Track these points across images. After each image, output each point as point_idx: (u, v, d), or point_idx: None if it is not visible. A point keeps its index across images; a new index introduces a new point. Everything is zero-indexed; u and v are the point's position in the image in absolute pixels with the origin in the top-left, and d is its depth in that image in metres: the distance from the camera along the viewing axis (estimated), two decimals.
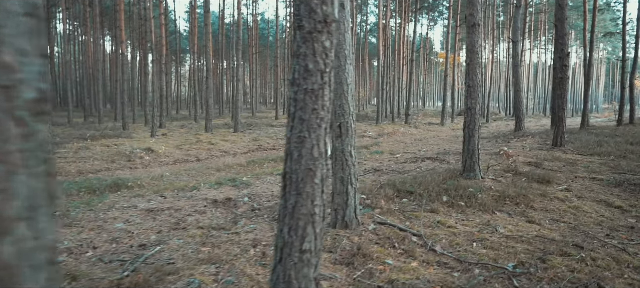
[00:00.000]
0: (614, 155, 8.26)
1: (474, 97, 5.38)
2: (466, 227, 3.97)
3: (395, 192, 5.11)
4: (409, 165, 7.54)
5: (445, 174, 5.72)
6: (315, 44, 2.07)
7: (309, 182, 2.16)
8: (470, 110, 5.43)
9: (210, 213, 4.82)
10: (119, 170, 8.32)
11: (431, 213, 4.40)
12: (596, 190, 5.30)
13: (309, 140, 2.13)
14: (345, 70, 3.72)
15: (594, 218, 4.25)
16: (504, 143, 10.52)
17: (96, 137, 12.69)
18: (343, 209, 3.79)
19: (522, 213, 4.37)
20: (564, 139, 8.98)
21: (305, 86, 2.11)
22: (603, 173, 6.49)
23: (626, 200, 4.90)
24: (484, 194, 4.86)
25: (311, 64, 2.09)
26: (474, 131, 5.44)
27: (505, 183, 5.46)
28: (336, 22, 2.12)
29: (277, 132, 14.87)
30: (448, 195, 4.86)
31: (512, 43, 13.19)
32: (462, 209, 4.48)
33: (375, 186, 5.55)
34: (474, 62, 5.34)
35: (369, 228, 3.84)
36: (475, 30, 5.29)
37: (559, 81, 8.92)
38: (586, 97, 15.85)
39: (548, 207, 4.56)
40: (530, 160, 7.40)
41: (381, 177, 6.47)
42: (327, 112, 2.17)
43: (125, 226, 4.44)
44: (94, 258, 3.54)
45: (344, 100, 3.73)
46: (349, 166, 3.76)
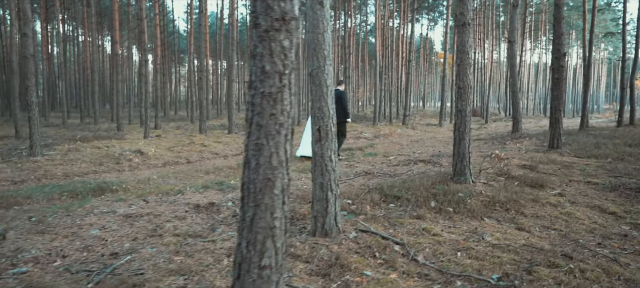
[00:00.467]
0: (611, 158, 8.09)
1: (464, 98, 5.22)
2: (452, 234, 3.81)
3: (382, 197, 4.96)
4: (401, 168, 7.38)
5: (436, 178, 5.56)
6: (272, 43, 1.92)
7: (268, 192, 2.00)
8: (460, 112, 5.26)
9: (190, 219, 4.66)
10: (106, 172, 8.16)
11: (417, 219, 4.24)
12: (590, 195, 5.13)
13: (266, 148, 1.97)
14: (325, 71, 3.56)
15: (587, 225, 4.08)
16: (500, 144, 10.35)
17: (88, 138, 12.55)
18: (322, 216, 3.63)
19: (512, 220, 4.21)
20: (560, 140, 8.81)
21: (262, 89, 1.95)
22: (599, 176, 6.32)
23: (621, 205, 4.73)
24: (473, 199, 4.70)
25: (268, 65, 1.93)
26: (465, 133, 5.28)
27: (497, 188, 5.30)
28: (296, 20, 1.96)
29: None
30: (436, 200, 4.70)
31: (509, 43, 13.03)
32: (450, 215, 4.32)
33: (363, 190, 5.39)
34: (465, 63, 5.18)
35: (350, 236, 3.68)
36: (465, 29, 5.12)
37: (555, 81, 8.74)
38: (585, 97, 15.67)
39: (539, 212, 4.40)
40: (524, 163, 7.23)
41: (371, 180, 6.30)
42: (287, 117, 2.01)
43: (100, 233, 4.28)
44: (61, 268, 3.38)
45: (323, 102, 3.57)
46: (329, 171, 3.60)
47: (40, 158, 8.85)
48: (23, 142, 11.34)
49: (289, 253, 3.41)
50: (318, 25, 3.54)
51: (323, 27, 3.54)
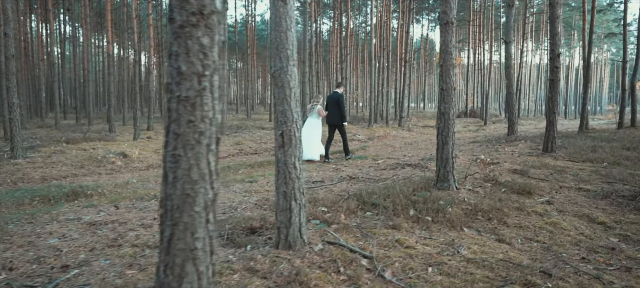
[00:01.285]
0: (607, 162, 7.82)
1: (447, 101, 4.97)
2: (427, 246, 3.56)
3: (359, 204, 4.72)
4: (388, 172, 7.13)
5: (419, 184, 5.31)
6: (188, 40, 1.68)
7: (187, 210, 1.76)
8: (443, 115, 5.02)
9: (156, 227, 4.43)
10: (87, 175, 7.95)
11: (392, 229, 3.99)
12: (580, 203, 4.87)
13: (184, 159, 1.73)
14: (288, 72, 3.32)
15: (572, 236, 3.83)
16: (494, 147, 10.09)
17: (76, 140, 12.35)
18: (286, 227, 3.39)
19: (493, 230, 3.96)
20: (555, 143, 8.53)
21: (178, 93, 1.71)
22: (592, 182, 6.06)
23: (611, 215, 4.47)
24: (454, 207, 4.45)
25: (184, 66, 1.69)
26: (448, 138, 5.03)
27: (482, 195, 5.05)
28: (217, 14, 1.72)
29: (263, 135, 14.47)
30: (415, 208, 4.46)
31: (505, 43, 12.75)
32: (428, 225, 4.07)
33: (342, 197, 5.16)
34: (448, 63, 4.93)
35: (315, 248, 3.44)
36: (448, 28, 4.88)
37: (550, 83, 8.47)
38: (585, 99, 15.37)
39: (523, 222, 4.15)
40: (515, 168, 6.97)
41: (353, 185, 6.06)
42: (210, 124, 1.77)
43: (58, 242, 4.06)
44: (4, 283, 3.16)
45: (286, 105, 3.33)
46: (293, 179, 3.36)
47: (21, 160, 8.65)
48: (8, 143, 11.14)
49: (247, 268, 3.18)
50: (280, 23, 3.30)
51: (286, 25, 3.31)
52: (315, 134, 9.82)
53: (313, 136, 9.74)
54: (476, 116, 30.36)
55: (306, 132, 9.66)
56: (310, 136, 9.69)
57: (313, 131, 9.79)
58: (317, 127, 9.90)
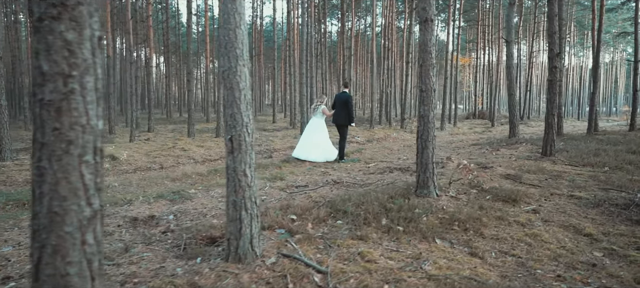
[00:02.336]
0: (609, 166, 7.44)
1: (427, 103, 4.69)
2: (390, 260, 3.30)
3: (331, 212, 4.47)
4: (375, 177, 6.87)
5: (399, 190, 5.04)
6: (49, 36, 1.46)
7: (56, 230, 1.54)
8: (423, 118, 4.74)
9: (116, 235, 4.25)
10: None
11: (359, 240, 3.74)
12: (569, 212, 4.55)
13: (49, 172, 1.51)
14: (237, 72, 3.09)
15: (552, 249, 3.53)
16: (493, 150, 9.73)
17: None
18: (236, 239, 3.16)
19: (467, 242, 3.68)
20: (554, 147, 8.16)
21: (41, 96, 1.49)
22: (588, 188, 5.71)
23: (600, 225, 4.15)
24: (430, 216, 4.18)
25: (46, 65, 1.48)
26: (428, 142, 4.75)
27: (465, 202, 4.76)
28: (86, 5, 1.50)
29: (259, 137, 14.26)
30: (389, 217, 4.19)
31: (506, 42, 12.34)
32: (398, 236, 3.81)
33: (317, 204, 4.92)
34: (427, 63, 4.65)
35: (268, 262, 3.20)
36: (427, 26, 4.60)
37: (549, 83, 8.10)
38: (592, 99, 14.87)
39: (501, 234, 3.85)
40: (509, 172, 6.65)
41: (334, 191, 5.82)
42: (82, 132, 1.54)
43: (12, 251, 3.91)
44: None
45: (235, 108, 3.11)
46: (243, 188, 3.14)
47: (8, 163, 8.59)
48: None
49: (190, 283, 2.97)
50: (229, 20, 3.08)
51: (235, 22, 3.08)
52: (319, 135, 9.49)
53: (316, 137, 9.45)
54: (485, 117, 29.79)
55: (308, 132, 9.56)
56: (313, 137, 9.45)
57: (316, 132, 9.50)
58: (320, 128, 9.57)
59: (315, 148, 9.34)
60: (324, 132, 9.61)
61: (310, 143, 9.42)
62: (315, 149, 9.33)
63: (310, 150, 9.32)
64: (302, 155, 9.34)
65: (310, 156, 9.24)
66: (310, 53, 14.01)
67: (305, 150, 9.37)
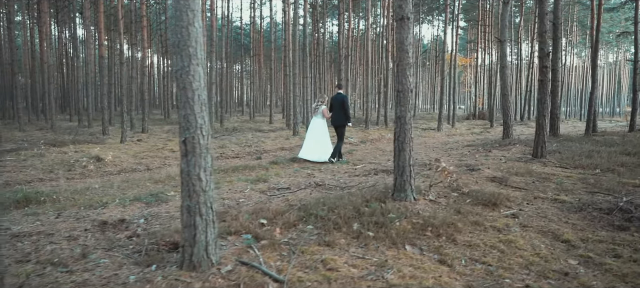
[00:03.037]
0: (600, 168, 7.27)
1: (403, 103, 4.55)
2: (353, 268, 3.16)
3: (303, 216, 4.33)
4: (359, 179, 6.73)
5: (378, 193, 4.90)
6: None
7: None
8: (400, 119, 4.60)
9: (81, 240, 4.12)
10: (53, 180, 7.73)
11: (326, 246, 3.60)
12: (550, 216, 4.40)
13: None
14: (190, 72, 2.97)
15: (525, 257, 3.38)
16: (484, 152, 9.57)
17: (64, 142, 12.25)
18: (190, 246, 3.03)
19: (438, 249, 3.53)
20: (545, 148, 7.98)
21: None
22: (575, 191, 5.55)
23: (580, 231, 3.99)
24: (404, 222, 4.04)
25: None
26: (405, 144, 4.61)
27: (444, 206, 4.61)
28: None
29: (251, 138, 14.16)
30: (361, 221, 4.05)
31: (500, 42, 12.15)
32: (367, 241, 3.67)
33: (292, 207, 4.78)
34: (404, 62, 4.51)
35: (223, 270, 3.07)
36: (404, 24, 4.46)
37: (539, 84, 7.93)
38: (591, 100, 14.67)
39: (475, 239, 3.70)
40: (495, 175, 6.49)
41: (313, 193, 5.68)
42: None
43: None
44: None
45: (188, 110, 2.98)
46: (197, 192, 3.01)
47: None
48: None
49: None
50: (182, 17, 2.95)
51: (188, 19, 2.96)
52: (322, 135, 9.69)
53: (319, 137, 9.64)
54: (485, 118, 29.57)
55: (312, 132, 9.73)
56: (317, 137, 9.61)
57: (319, 132, 9.69)
58: (323, 128, 9.78)
59: (319, 148, 9.54)
60: (326, 132, 9.78)
61: (313, 143, 9.61)
62: (318, 149, 9.53)
63: (314, 151, 9.51)
64: (306, 156, 9.55)
65: (313, 156, 9.44)
66: (305, 53, 13.90)
67: (310, 151, 9.57)
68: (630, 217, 4.16)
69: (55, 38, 32.44)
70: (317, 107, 9.81)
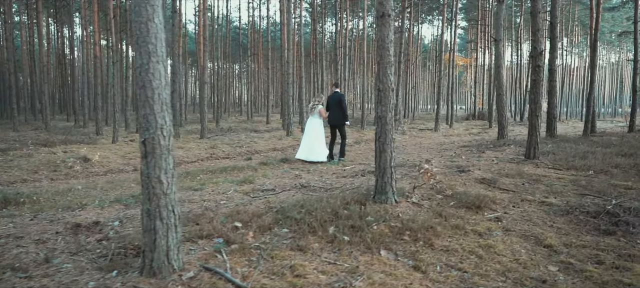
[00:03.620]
0: (594, 170, 7.12)
1: (384, 103, 4.42)
2: (322, 275, 3.03)
3: (280, 219, 4.20)
4: (345, 180, 6.60)
5: (359, 195, 4.77)
6: None
7: None
8: (381, 119, 4.47)
9: (50, 243, 4.00)
10: (37, 181, 7.62)
11: (299, 251, 3.47)
12: (534, 220, 4.26)
13: None
14: (149, 69, 2.84)
15: (504, 263, 3.24)
16: (477, 153, 9.42)
17: (55, 142, 12.15)
18: (151, 252, 2.91)
19: (414, 254, 3.40)
20: (538, 149, 7.83)
21: None
22: (564, 194, 5.40)
23: (565, 235, 3.85)
24: (381, 225, 3.90)
25: None
26: (386, 144, 4.48)
27: (426, 209, 4.48)
28: None
29: (244, 139, 14.03)
30: (337, 225, 3.92)
31: (495, 41, 12.00)
32: (341, 246, 3.54)
33: (271, 210, 4.66)
34: (385, 60, 4.38)
35: (185, 276, 2.94)
36: (384, 21, 4.33)
37: (531, 83, 7.77)
38: (589, 100, 14.50)
39: (453, 244, 3.57)
40: (485, 176, 6.35)
41: (296, 195, 5.56)
42: None
43: None
44: None
45: (148, 109, 2.85)
46: (157, 195, 2.88)
47: None
48: None
49: None
50: (141, 12, 2.83)
51: (148, 14, 2.83)
52: (318, 135, 9.66)
53: (316, 137, 9.59)
54: (484, 118, 29.39)
55: (308, 133, 9.69)
56: (313, 137, 9.56)
57: (316, 132, 9.64)
58: (319, 128, 9.74)
59: (316, 148, 9.52)
60: (322, 133, 9.75)
61: (310, 144, 9.56)
62: (315, 150, 9.51)
63: (311, 151, 9.49)
64: (303, 156, 9.53)
65: (310, 157, 9.42)
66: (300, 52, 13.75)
67: (307, 151, 9.54)
68: (617, 221, 4.02)
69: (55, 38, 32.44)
70: (314, 107, 9.78)
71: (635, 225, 3.91)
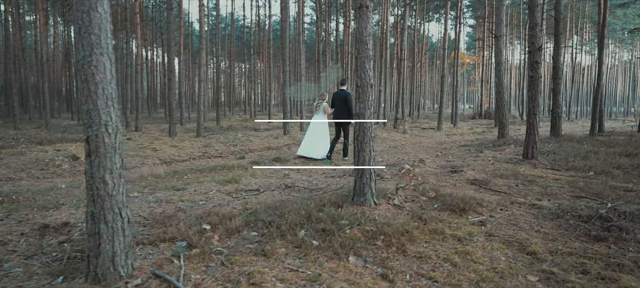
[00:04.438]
0: (594, 171, 6.82)
1: (363, 99, 4.19)
2: (280, 283, 2.83)
3: (250, 222, 4.00)
4: (333, 180, 6.38)
5: (335, 197, 4.55)
6: None
7: None
8: (359, 117, 4.24)
9: (11, 246, 3.85)
10: (24, 180, 7.52)
11: (262, 256, 3.27)
12: (521, 224, 4.00)
13: None
14: (92, 62, 2.65)
15: (479, 271, 3.00)
16: (475, 153, 9.12)
17: (52, 141, 12.10)
18: (95, 257, 2.72)
19: (383, 261, 3.17)
20: (536, 149, 7.52)
21: None
22: (558, 195, 5.13)
23: (552, 241, 3.59)
24: (355, 229, 3.68)
25: None
26: (364, 144, 4.25)
27: (407, 211, 4.24)
28: None
29: (241, 137, 13.85)
30: (309, 228, 3.70)
31: (495, 38, 11.66)
32: (308, 251, 3.32)
33: (245, 211, 4.46)
34: (363, 55, 4.15)
35: (132, 284, 2.75)
36: (362, 12, 4.10)
37: (529, 80, 7.46)
38: (596, 98, 14.07)
39: (427, 250, 3.33)
40: (477, 177, 6.09)
41: (278, 196, 5.35)
42: None
43: None
44: None
45: (91, 104, 2.66)
46: (102, 197, 2.69)
47: None
48: None
49: None
50: (83, 0, 2.63)
51: (90, 2, 2.64)
52: (322, 133, 9.62)
53: (319, 134, 9.55)
54: (491, 117, 28.89)
55: (312, 130, 9.67)
56: (316, 134, 9.52)
57: (319, 129, 9.60)
58: (323, 125, 9.69)
59: (318, 146, 9.45)
60: (326, 130, 9.70)
61: (312, 141, 9.51)
62: (317, 147, 9.44)
63: (312, 148, 9.43)
64: (304, 153, 9.48)
65: (311, 153, 9.39)
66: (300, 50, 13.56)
67: (308, 148, 9.50)
68: (609, 226, 3.74)
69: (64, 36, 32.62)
70: (318, 104, 9.70)
71: (629, 230, 3.64)
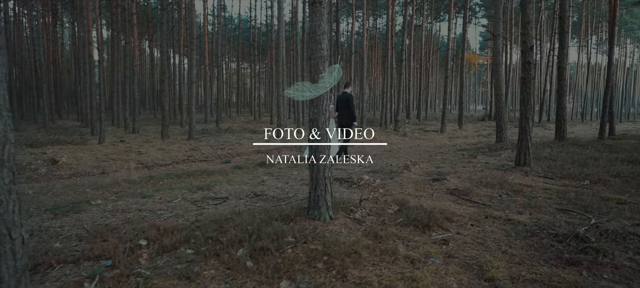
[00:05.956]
0: (591, 179, 6.34)
1: (316, 104, 3.84)
2: None
3: (190, 237, 3.68)
4: (304, 188, 6.03)
5: (288, 210, 4.21)
6: None
7: None
8: (312, 123, 3.89)
9: None
10: None
11: (186, 279, 2.95)
12: (489, 243, 3.60)
13: None
14: None
15: None
16: (468, 158, 8.68)
17: (43, 143, 11.99)
18: None
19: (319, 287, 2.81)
20: (529, 155, 7.05)
21: None
22: (543, 208, 4.70)
23: (517, 265, 3.19)
24: (299, 248, 3.34)
25: None
26: (319, 151, 3.89)
27: (365, 227, 3.88)
28: None
29: (234, 140, 13.57)
30: (249, 246, 3.37)
31: (493, 37, 11.17)
32: (237, 274, 2.99)
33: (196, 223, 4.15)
34: (317, 55, 3.80)
35: None
36: (316, 8, 3.75)
37: (522, 82, 7.00)
38: (605, 100, 13.45)
39: (370, 276, 2.97)
40: (458, 187, 5.68)
41: (239, 206, 5.03)
42: None
43: None
44: None
45: None
46: None
47: None
48: None
49: None
50: None
51: None
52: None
53: None
54: (493, 120, 28.15)
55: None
56: None
57: None
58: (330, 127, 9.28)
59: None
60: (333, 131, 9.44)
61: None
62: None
63: None
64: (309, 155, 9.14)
65: None
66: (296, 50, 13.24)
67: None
68: (585, 248, 3.33)
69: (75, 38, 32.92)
70: None
71: (607, 253, 3.22)
